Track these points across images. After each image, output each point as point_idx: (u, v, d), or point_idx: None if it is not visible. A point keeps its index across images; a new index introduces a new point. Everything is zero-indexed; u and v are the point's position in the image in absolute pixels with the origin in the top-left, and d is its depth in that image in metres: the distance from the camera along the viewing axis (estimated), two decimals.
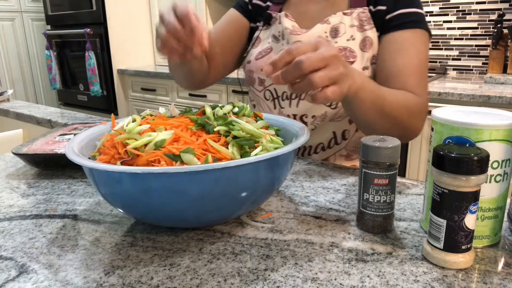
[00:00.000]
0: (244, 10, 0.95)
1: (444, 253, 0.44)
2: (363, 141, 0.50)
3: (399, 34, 0.79)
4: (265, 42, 0.91)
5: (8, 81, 3.25)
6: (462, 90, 1.78)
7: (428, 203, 0.51)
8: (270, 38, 0.90)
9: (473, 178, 0.41)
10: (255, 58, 0.91)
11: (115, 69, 2.98)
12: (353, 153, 0.90)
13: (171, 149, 0.48)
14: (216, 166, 0.43)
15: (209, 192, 0.45)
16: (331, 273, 0.44)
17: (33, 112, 1.37)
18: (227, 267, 0.45)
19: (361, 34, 0.82)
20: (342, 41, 0.82)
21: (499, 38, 2.07)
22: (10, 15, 3.22)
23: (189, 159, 0.47)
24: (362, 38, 0.82)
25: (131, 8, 3.00)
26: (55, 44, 3.22)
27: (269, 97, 0.89)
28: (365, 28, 0.82)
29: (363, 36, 0.82)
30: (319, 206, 0.60)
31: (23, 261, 0.47)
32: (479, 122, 0.44)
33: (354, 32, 0.82)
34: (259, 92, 0.91)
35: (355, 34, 0.82)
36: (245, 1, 0.96)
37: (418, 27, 0.79)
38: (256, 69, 0.90)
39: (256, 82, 0.90)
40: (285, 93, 0.87)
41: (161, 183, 0.44)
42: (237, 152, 0.50)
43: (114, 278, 0.44)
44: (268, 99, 0.90)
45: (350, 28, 0.82)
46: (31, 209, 0.61)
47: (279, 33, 0.88)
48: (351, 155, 0.90)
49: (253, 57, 0.91)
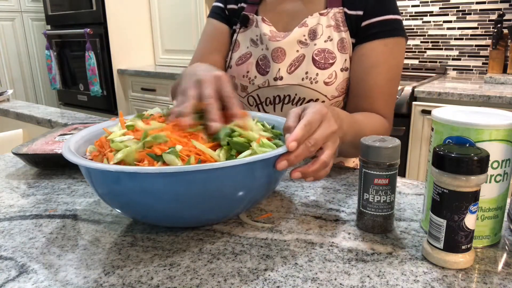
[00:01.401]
0: (222, 17, 0.95)
1: (444, 253, 0.44)
2: (363, 141, 0.50)
3: (374, 46, 0.80)
4: (243, 46, 0.90)
5: (8, 81, 3.25)
6: (462, 90, 1.78)
7: (428, 203, 0.51)
8: (248, 41, 0.90)
9: (473, 178, 0.41)
10: (235, 64, 0.90)
11: (115, 69, 2.98)
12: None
13: (155, 149, 0.48)
14: (188, 169, 0.43)
15: (185, 193, 0.46)
16: (331, 273, 0.44)
17: (33, 112, 1.37)
18: (227, 267, 0.45)
19: (338, 35, 0.82)
20: (320, 43, 0.82)
21: (499, 38, 2.07)
22: (10, 15, 3.22)
23: (170, 160, 0.47)
24: (339, 38, 0.82)
25: (131, 8, 3.00)
26: (55, 44, 3.22)
27: (253, 103, 0.90)
28: (341, 29, 0.82)
29: (340, 36, 0.82)
30: (319, 206, 0.60)
31: (23, 261, 0.47)
32: (479, 122, 0.44)
33: (331, 32, 0.82)
34: (242, 98, 0.91)
35: (332, 35, 0.82)
36: (221, 7, 0.95)
37: (395, 35, 0.79)
38: (237, 74, 0.90)
39: (239, 88, 0.90)
40: (268, 98, 0.87)
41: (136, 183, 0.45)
42: (223, 155, 0.49)
43: (114, 278, 0.44)
44: (252, 105, 0.90)
45: (327, 28, 0.83)
46: (31, 209, 0.61)
47: (257, 37, 0.88)
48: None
49: (234, 61, 0.91)
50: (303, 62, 0.82)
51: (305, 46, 0.83)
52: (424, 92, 1.82)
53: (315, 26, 0.83)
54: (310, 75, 0.81)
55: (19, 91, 3.33)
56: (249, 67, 0.88)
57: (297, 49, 0.83)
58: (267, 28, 0.86)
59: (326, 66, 0.81)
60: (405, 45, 0.82)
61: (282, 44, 0.84)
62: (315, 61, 0.81)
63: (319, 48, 0.82)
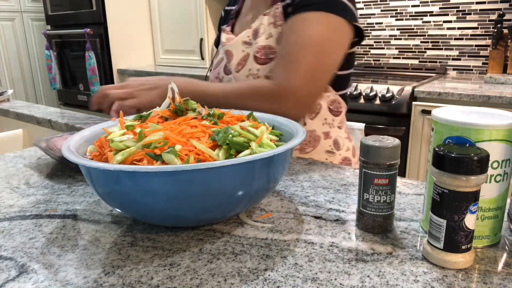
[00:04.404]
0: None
1: (444, 253, 0.44)
2: (363, 141, 0.51)
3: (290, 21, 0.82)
4: (218, 53, 1.01)
5: (8, 81, 3.25)
6: (462, 90, 1.78)
7: (428, 203, 0.51)
8: (221, 49, 1.00)
9: (473, 178, 0.41)
10: (213, 68, 1.00)
11: (115, 69, 2.98)
12: (306, 146, 0.91)
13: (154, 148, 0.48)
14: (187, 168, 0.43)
15: (184, 192, 0.46)
16: (331, 273, 0.44)
17: (33, 112, 1.37)
18: (227, 267, 0.45)
19: (275, 31, 0.86)
20: (261, 41, 0.86)
21: (499, 38, 2.07)
22: (10, 15, 3.22)
23: (169, 159, 0.47)
24: (278, 33, 0.85)
25: (131, 8, 3.00)
26: (55, 44, 3.22)
27: None
28: (277, 24, 0.86)
29: (278, 32, 0.85)
30: (319, 206, 0.60)
31: (23, 261, 0.47)
32: (479, 122, 0.44)
33: (271, 29, 0.86)
34: None
35: (272, 31, 0.86)
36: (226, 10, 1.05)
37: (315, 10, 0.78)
38: (213, 77, 1.00)
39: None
40: None
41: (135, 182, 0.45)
42: (223, 155, 0.50)
43: (114, 278, 0.44)
44: None
45: (268, 26, 0.87)
46: (31, 209, 0.61)
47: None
48: (305, 148, 0.91)
49: (213, 67, 1.01)
50: (248, 60, 0.89)
51: (249, 45, 0.90)
52: (424, 92, 1.82)
53: (258, 26, 0.88)
54: (252, 71, 0.87)
55: (19, 91, 3.33)
56: (220, 70, 0.99)
57: (243, 49, 0.90)
58: (224, 36, 0.98)
59: (266, 61, 0.86)
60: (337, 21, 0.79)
61: (230, 47, 0.93)
62: (256, 58, 0.87)
63: (260, 45, 0.86)
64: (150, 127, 0.53)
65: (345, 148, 0.93)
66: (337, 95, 0.90)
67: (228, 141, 0.50)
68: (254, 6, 0.95)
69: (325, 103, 0.89)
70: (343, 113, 0.93)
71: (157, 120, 0.60)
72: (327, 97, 0.89)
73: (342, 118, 0.93)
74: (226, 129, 0.53)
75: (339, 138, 0.92)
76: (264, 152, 0.48)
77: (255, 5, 0.95)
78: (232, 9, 1.04)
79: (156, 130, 0.52)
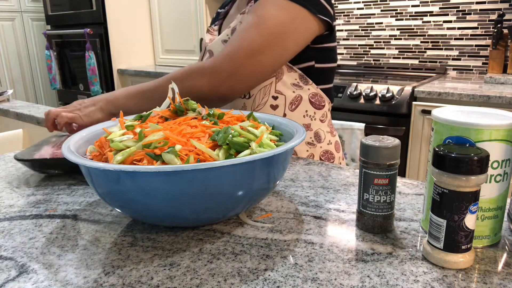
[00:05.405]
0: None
1: (444, 253, 0.44)
2: (363, 141, 0.51)
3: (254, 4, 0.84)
4: (206, 54, 1.02)
5: (8, 81, 3.25)
6: (462, 90, 1.78)
7: (428, 203, 0.51)
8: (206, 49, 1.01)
9: (473, 178, 0.41)
10: None
11: (115, 69, 2.98)
12: None
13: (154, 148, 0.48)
14: (187, 168, 0.43)
15: (184, 192, 0.46)
16: (331, 273, 0.44)
17: (33, 112, 1.37)
18: (227, 267, 0.45)
19: None
20: None
21: (499, 38, 2.07)
22: (10, 15, 3.22)
23: (169, 159, 0.47)
24: None
25: (131, 8, 3.00)
26: (55, 44, 3.22)
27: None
28: None
29: None
30: (319, 206, 0.60)
31: (23, 261, 0.47)
32: (479, 122, 0.44)
33: None
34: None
35: None
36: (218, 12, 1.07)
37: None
38: None
39: None
40: None
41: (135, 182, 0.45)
42: (222, 155, 0.50)
43: (114, 278, 0.44)
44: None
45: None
46: (31, 209, 0.61)
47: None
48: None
49: None
50: None
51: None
52: (424, 92, 1.82)
53: (236, 25, 0.89)
54: None
55: (19, 91, 3.33)
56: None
57: (222, 48, 0.91)
58: (208, 37, 1.01)
59: None
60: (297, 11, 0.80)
61: (211, 47, 0.94)
62: None
63: None
64: (150, 127, 0.53)
65: (327, 141, 0.94)
66: (318, 89, 0.91)
67: (228, 141, 0.50)
68: (239, 7, 0.98)
69: (305, 95, 0.90)
70: (326, 107, 0.94)
71: (157, 120, 0.60)
72: (307, 89, 0.90)
73: (324, 112, 0.94)
74: (226, 129, 0.53)
75: (321, 131, 0.93)
76: (264, 152, 0.48)
77: (240, 6, 0.98)
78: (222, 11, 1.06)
79: (156, 130, 0.52)
